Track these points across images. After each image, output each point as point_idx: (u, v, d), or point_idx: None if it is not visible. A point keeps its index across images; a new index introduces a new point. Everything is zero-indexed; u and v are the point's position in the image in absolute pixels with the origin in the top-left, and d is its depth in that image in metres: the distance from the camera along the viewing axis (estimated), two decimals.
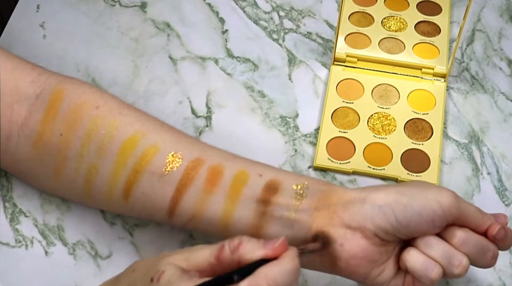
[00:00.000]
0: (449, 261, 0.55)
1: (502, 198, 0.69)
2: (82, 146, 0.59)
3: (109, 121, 0.59)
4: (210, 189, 0.57)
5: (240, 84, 0.75)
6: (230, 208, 0.57)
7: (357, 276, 0.56)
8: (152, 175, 0.58)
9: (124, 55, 0.77)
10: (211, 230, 0.58)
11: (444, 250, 0.55)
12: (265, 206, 0.56)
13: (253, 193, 0.57)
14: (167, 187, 0.58)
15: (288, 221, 0.56)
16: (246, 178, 0.58)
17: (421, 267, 0.55)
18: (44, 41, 0.77)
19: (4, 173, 0.67)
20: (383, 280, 0.56)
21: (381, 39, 0.77)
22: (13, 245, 0.64)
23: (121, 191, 0.59)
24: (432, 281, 0.55)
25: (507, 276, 0.64)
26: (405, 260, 0.55)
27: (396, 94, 0.74)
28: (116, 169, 0.58)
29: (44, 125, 0.60)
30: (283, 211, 0.56)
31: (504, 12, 0.82)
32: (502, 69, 0.77)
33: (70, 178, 0.60)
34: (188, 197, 0.57)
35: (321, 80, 0.76)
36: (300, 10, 0.81)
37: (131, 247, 0.65)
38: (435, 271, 0.54)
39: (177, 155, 0.58)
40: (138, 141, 0.59)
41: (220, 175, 0.58)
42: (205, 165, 0.58)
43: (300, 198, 0.56)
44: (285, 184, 0.57)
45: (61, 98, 0.60)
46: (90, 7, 0.80)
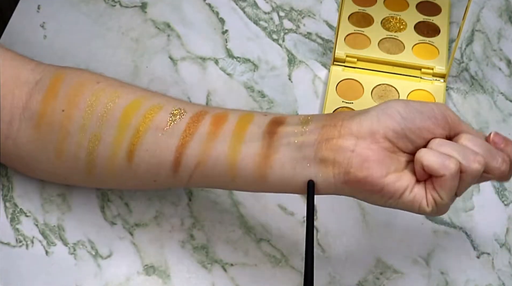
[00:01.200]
0: (464, 156, 0.54)
1: (502, 197, 0.69)
2: (84, 118, 0.59)
3: (111, 92, 0.60)
4: (215, 131, 0.57)
5: (240, 85, 0.75)
6: (236, 144, 0.57)
7: (373, 182, 0.54)
8: (156, 130, 0.58)
9: (125, 56, 0.77)
10: (217, 175, 0.58)
11: (457, 147, 0.55)
12: (271, 137, 0.56)
13: (259, 128, 0.57)
14: (171, 139, 0.58)
15: (295, 144, 0.56)
16: (251, 118, 0.58)
17: (437, 160, 0.54)
18: (44, 42, 0.77)
19: (5, 173, 0.67)
20: (403, 185, 0.55)
21: (381, 40, 0.78)
22: (14, 244, 0.64)
23: (125, 153, 0.59)
24: (450, 171, 0.53)
25: (507, 276, 0.64)
26: (419, 156, 0.54)
27: (396, 94, 0.74)
28: (119, 132, 0.59)
29: (45, 104, 0.60)
30: (289, 137, 0.56)
31: (503, 13, 0.82)
32: (502, 69, 0.77)
33: (72, 154, 0.60)
34: (193, 144, 0.57)
35: (321, 81, 0.76)
36: (300, 11, 0.81)
37: (132, 247, 0.65)
38: (452, 161, 0.53)
39: (181, 110, 0.59)
40: (141, 103, 0.59)
41: (224, 118, 0.58)
42: (208, 114, 0.58)
43: (306, 124, 0.56)
44: (290, 118, 0.58)
45: (61, 79, 0.61)
46: (91, 7, 0.80)
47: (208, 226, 0.66)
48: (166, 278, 0.63)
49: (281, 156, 0.56)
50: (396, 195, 0.55)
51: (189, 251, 0.65)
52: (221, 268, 0.64)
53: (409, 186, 0.55)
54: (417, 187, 0.55)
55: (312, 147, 0.55)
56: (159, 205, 0.67)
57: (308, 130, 0.56)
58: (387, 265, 0.64)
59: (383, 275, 0.64)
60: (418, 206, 0.55)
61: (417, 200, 0.55)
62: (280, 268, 0.64)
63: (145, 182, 0.61)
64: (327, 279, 0.64)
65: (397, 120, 0.55)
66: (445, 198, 0.55)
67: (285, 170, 0.56)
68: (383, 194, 0.55)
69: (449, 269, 0.65)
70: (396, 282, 0.64)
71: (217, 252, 0.65)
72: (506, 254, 0.65)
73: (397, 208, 0.56)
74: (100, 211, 0.66)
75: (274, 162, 0.56)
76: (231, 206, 0.67)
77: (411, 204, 0.55)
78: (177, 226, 0.66)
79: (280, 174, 0.56)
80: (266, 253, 0.65)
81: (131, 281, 0.63)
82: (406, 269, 0.64)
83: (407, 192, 0.55)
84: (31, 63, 0.63)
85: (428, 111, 0.55)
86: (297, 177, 0.56)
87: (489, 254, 0.65)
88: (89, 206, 0.66)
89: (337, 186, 0.55)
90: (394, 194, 0.55)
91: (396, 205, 0.55)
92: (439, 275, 0.64)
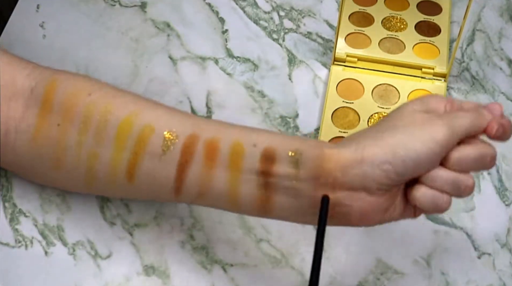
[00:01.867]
0: (455, 188, 0.55)
1: (502, 198, 0.69)
2: (80, 133, 0.59)
3: (102, 106, 0.59)
4: (210, 164, 0.57)
5: (240, 84, 0.75)
6: (234, 182, 0.57)
7: (371, 224, 0.57)
8: (152, 156, 0.58)
9: (124, 55, 0.77)
10: (220, 205, 0.59)
11: (448, 178, 0.55)
12: (266, 177, 0.57)
13: (251, 165, 0.57)
14: (168, 166, 0.58)
15: (292, 191, 0.56)
16: (242, 150, 0.57)
17: (431, 202, 0.55)
18: (44, 41, 0.77)
19: (4, 173, 0.67)
20: (395, 217, 0.57)
21: (381, 39, 0.77)
22: (13, 245, 0.64)
23: (124, 174, 0.59)
24: (442, 211, 0.55)
25: (507, 276, 0.64)
26: (414, 199, 0.55)
27: (396, 94, 0.74)
28: (116, 153, 0.59)
29: (41, 118, 0.60)
30: (284, 181, 0.56)
31: (504, 12, 0.82)
32: (502, 69, 0.77)
33: (71, 168, 0.60)
34: (191, 175, 0.57)
35: (321, 80, 0.76)
36: (300, 10, 0.81)
37: (131, 247, 0.65)
38: (444, 201, 0.55)
39: (172, 134, 0.58)
40: (132, 123, 0.59)
41: (216, 149, 0.58)
42: (200, 139, 0.58)
43: (296, 167, 0.56)
44: (279, 150, 0.57)
45: (54, 89, 0.60)
46: (90, 7, 0.80)
47: (208, 226, 0.66)
48: (166, 278, 0.63)
49: (279, 200, 0.57)
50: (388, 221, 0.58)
51: (189, 251, 0.64)
52: (221, 268, 0.64)
53: (399, 213, 0.57)
54: (407, 210, 0.57)
55: (307, 199, 0.56)
56: (159, 205, 0.67)
57: (301, 177, 0.56)
58: (387, 266, 0.64)
59: (384, 275, 0.64)
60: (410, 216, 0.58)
61: (406, 217, 0.58)
62: (280, 268, 0.64)
63: (148, 198, 0.63)
64: (328, 279, 0.63)
65: (391, 177, 0.54)
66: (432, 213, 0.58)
67: (286, 213, 0.57)
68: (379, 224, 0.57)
69: (450, 270, 0.64)
70: (396, 282, 0.64)
71: (217, 253, 0.64)
72: (507, 255, 0.65)
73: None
74: (99, 211, 0.66)
75: (274, 206, 0.57)
76: None
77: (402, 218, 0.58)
78: (177, 226, 0.66)
79: (281, 215, 0.58)
80: (266, 253, 0.65)
81: (130, 281, 0.63)
82: (406, 270, 0.64)
83: (397, 217, 0.57)
84: (27, 68, 0.62)
85: (426, 156, 0.54)
86: (298, 220, 0.58)
87: (490, 254, 0.65)
88: (89, 206, 0.66)
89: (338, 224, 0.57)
90: (387, 221, 0.57)
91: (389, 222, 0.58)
92: (439, 276, 0.64)
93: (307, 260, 0.64)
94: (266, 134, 0.58)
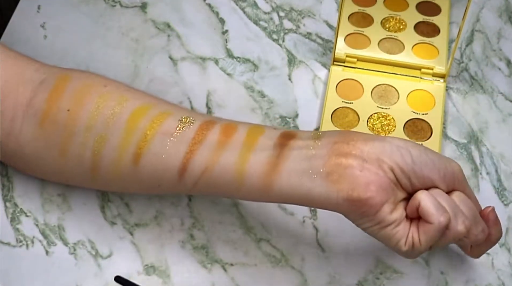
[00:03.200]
0: (455, 215, 0.56)
1: (501, 197, 0.69)
2: (90, 118, 0.59)
3: (118, 96, 0.60)
4: (225, 140, 0.57)
5: (240, 85, 0.76)
6: (246, 153, 0.57)
7: (371, 206, 0.55)
8: (164, 135, 0.58)
9: (125, 56, 0.77)
10: (223, 183, 0.58)
11: (453, 205, 0.56)
12: (282, 148, 0.57)
13: (269, 140, 0.57)
14: (180, 145, 0.58)
15: (305, 155, 0.56)
16: (261, 130, 0.58)
17: (433, 207, 0.55)
18: (45, 42, 0.77)
19: (5, 172, 0.67)
20: (393, 218, 0.56)
21: (381, 40, 0.78)
22: (14, 244, 0.64)
23: (131, 156, 0.59)
24: (440, 223, 0.55)
25: (506, 276, 0.64)
26: (419, 197, 0.56)
27: (396, 94, 0.74)
28: (126, 135, 0.59)
29: (50, 103, 0.60)
30: (300, 149, 0.56)
31: (503, 13, 0.82)
32: (501, 69, 0.78)
33: (76, 154, 0.60)
34: (202, 151, 0.57)
35: (320, 81, 0.76)
36: (300, 11, 0.81)
37: (132, 247, 0.65)
38: (445, 215, 0.55)
39: (189, 118, 0.59)
40: (148, 109, 0.59)
41: (234, 129, 0.58)
42: (217, 123, 0.59)
43: (317, 138, 0.57)
44: (301, 132, 0.58)
45: (68, 80, 0.61)
46: (91, 7, 0.80)
47: (208, 226, 0.66)
48: (166, 278, 0.63)
49: (289, 165, 0.56)
50: (383, 224, 0.56)
51: (189, 251, 0.65)
52: (221, 268, 0.64)
53: (397, 220, 0.56)
54: (402, 224, 0.56)
55: (322, 159, 0.56)
56: (159, 205, 0.67)
57: (319, 144, 0.56)
58: (387, 265, 0.65)
59: (383, 275, 0.64)
60: (396, 243, 0.56)
61: (397, 237, 0.56)
62: (280, 268, 0.64)
63: (149, 186, 0.61)
64: (327, 279, 0.64)
65: (407, 161, 0.55)
66: (423, 244, 0.56)
67: (292, 179, 0.56)
68: (374, 218, 0.56)
69: (449, 269, 0.65)
70: (396, 282, 0.64)
71: (217, 252, 0.65)
72: (505, 254, 0.66)
73: (375, 236, 0.57)
74: (100, 210, 0.66)
75: (281, 170, 0.56)
76: (231, 206, 0.67)
77: (390, 238, 0.56)
78: (177, 226, 0.66)
79: (286, 182, 0.56)
80: (266, 253, 0.65)
81: (131, 280, 0.63)
82: (406, 269, 0.64)
83: (393, 225, 0.56)
84: (35, 64, 0.63)
85: (440, 165, 0.56)
86: (302, 187, 0.56)
87: (488, 254, 0.65)
88: (89, 206, 0.66)
89: (338, 201, 0.55)
90: (383, 222, 0.56)
91: (377, 234, 0.56)
92: (439, 275, 0.64)
93: (307, 260, 0.65)
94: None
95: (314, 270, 0.64)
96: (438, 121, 0.72)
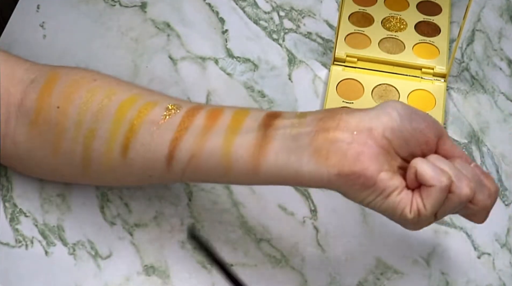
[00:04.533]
0: (458, 178, 0.54)
1: (502, 197, 0.69)
2: (79, 114, 0.59)
3: (107, 89, 0.60)
4: (210, 125, 0.57)
5: (240, 84, 0.75)
6: (231, 136, 0.56)
7: (366, 177, 0.53)
8: (151, 124, 0.58)
9: (124, 55, 0.77)
10: (211, 167, 0.57)
11: (453, 167, 0.54)
12: (267, 128, 0.56)
13: (255, 121, 0.56)
14: (166, 133, 0.58)
15: (291, 135, 0.55)
16: (246, 112, 0.57)
17: (431, 170, 0.53)
18: (44, 41, 0.77)
19: (4, 173, 0.67)
20: (395, 184, 0.54)
21: (381, 39, 0.78)
22: (13, 245, 0.64)
23: (120, 148, 0.59)
24: (441, 183, 0.53)
25: (507, 276, 0.64)
26: (415, 163, 0.54)
27: (396, 94, 0.74)
28: (114, 127, 0.59)
29: (40, 102, 0.60)
30: (286, 128, 0.56)
31: (504, 12, 0.82)
32: (502, 69, 0.77)
33: (68, 150, 0.60)
34: (188, 137, 0.57)
35: (321, 80, 0.76)
36: (300, 10, 0.81)
37: (131, 247, 0.65)
38: (445, 176, 0.53)
39: (176, 105, 0.59)
40: (136, 100, 0.59)
41: (220, 113, 0.58)
42: (204, 109, 0.58)
43: (303, 117, 0.56)
44: (286, 112, 0.57)
45: (57, 78, 0.61)
46: (90, 7, 0.80)
47: (208, 226, 0.66)
48: (166, 278, 0.63)
49: (275, 145, 0.55)
50: (385, 192, 0.54)
51: (189, 251, 0.65)
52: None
53: (399, 187, 0.54)
54: (405, 192, 0.54)
55: (308, 136, 0.55)
56: (159, 205, 0.67)
57: (305, 122, 0.55)
58: (387, 265, 0.64)
59: (384, 275, 0.64)
60: (401, 211, 0.54)
61: (402, 205, 0.54)
62: (280, 268, 0.64)
63: (140, 177, 0.61)
64: (327, 279, 0.63)
65: (394, 118, 0.54)
66: (429, 209, 0.54)
67: (279, 159, 0.55)
68: (374, 189, 0.54)
69: (449, 270, 0.64)
70: (396, 282, 0.64)
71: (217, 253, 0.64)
72: (507, 255, 0.65)
73: (379, 210, 0.55)
74: (99, 211, 0.66)
75: (268, 151, 0.55)
76: (231, 206, 0.67)
77: (395, 207, 0.54)
78: (177, 226, 0.66)
79: (273, 163, 0.55)
80: (266, 253, 0.65)
81: (130, 281, 0.63)
82: (406, 269, 0.64)
83: (395, 192, 0.54)
84: (25, 63, 0.63)
85: (423, 114, 0.56)
86: (290, 166, 0.55)
87: (489, 254, 0.65)
88: (89, 206, 0.66)
89: (330, 177, 0.54)
90: (384, 191, 0.54)
91: (381, 206, 0.54)
92: (439, 276, 0.64)
93: (307, 260, 0.64)
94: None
95: (315, 271, 0.64)
96: (439, 121, 0.72)
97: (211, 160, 0.56)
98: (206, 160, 0.57)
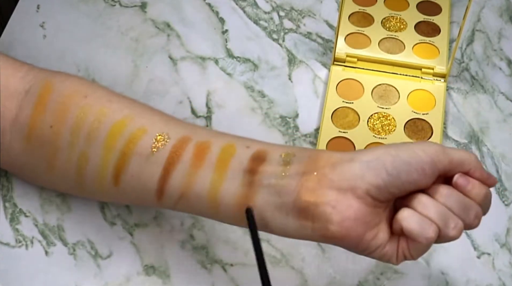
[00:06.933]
0: (445, 222, 0.53)
1: (502, 197, 0.69)
2: (71, 134, 0.59)
3: (97, 109, 0.59)
4: (198, 163, 0.56)
5: (240, 84, 0.75)
6: (218, 180, 0.56)
7: (350, 240, 0.54)
8: (140, 156, 0.58)
9: (124, 55, 0.77)
10: (200, 208, 0.57)
11: (440, 211, 0.53)
12: (253, 176, 0.55)
13: (240, 164, 0.56)
14: (154, 167, 0.57)
15: (275, 189, 0.55)
16: (233, 151, 0.57)
17: (417, 226, 0.53)
18: (44, 41, 0.77)
19: (4, 173, 0.67)
20: (377, 244, 0.54)
21: (381, 39, 0.78)
22: (13, 245, 0.64)
23: (111, 176, 0.59)
24: (428, 240, 0.53)
25: (507, 276, 0.64)
26: (400, 219, 0.53)
27: (396, 94, 0.74)
28: (105, 154, 0.58)
29: (34, 119, 0.60)
30: (270, 178, 0.55)
31: (504, 13, 0.82)
32: (502, 69, 0.77)
33: (63, 169, 0.60)
34: (176, 174, 0.57)
35: (321, 80, 0.76)
36: (300, 10, 0.81)
37: (131, 247, 0.65)
38: (432, 230, 0.53)
39: (164, 135, 0.58)
40: (126, 125, 0.59)
41: (207, 149, 0.57)
42: (192, 141, 0.58)
43: (286, 164, 0.55)
44: (272, 153, 0.56)
45: (50, 91, 0.60)
46: (90, 7, 0.80)
47: (208, 226, 0.66)
48: (166, 278, 0.63)
49: (260, 198, 0.55)
50: (370, 249, 0.55)
51: (189, 251, 0.65)
52: (221, 268, 0.64)
53: (381, 244, 0.55)
54: (389, 244, 0.55)
55: (291, 195, 0.54)
56: None
57: (288, 174, 0.55)
58: (387, 265, 0.64)
59: (384, 275, 0.64)
60: (387, 260, 0.55)
61: (387, 257, 0.55)
62: (280, 268, 0.64)
63: (134, 202, 0.62)
64: (328, 279, 0.63)
65: (382, 176, 0.53)
66: (415, 257, 0.55)
67: (265, 214, 0.55)
68: (358, 248, 0.55)
69: (449, 269, 0.65)
70: (396, 282, 0.64)
71: (217, 252, 0.64)
72: (506, 254, 0.65)
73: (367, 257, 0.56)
74: (100, 211, 0.66)
75: (254, 203, 0.55)
76: None
77: (381, 258, 0.55)
78: (177, 226, 0.66)
79: (260, 217, 0.55)
80: (266, 254, 0.65)
81: (131, 281, 0.63)
82: (406, 269, 0.64)
83: (379, 249, 0.55)
84: (21, 70, 0.62)
85: (416, 162, 0.53)
86: (276, 222, 0.55)
87: (489, 254, 0.65)
88: (89, 206, 0.66)
89: (314, 237, 0.55)
90: (367, 249, 0.55)
91: (367, 256, 0.55)
92: (439, 275, 0.64)
93: (307, 260, 0.64)
94: (261, 141, 0.58)
95: (315, 271, 0.64)
96: (438, 121, 0.72)
97: (200, 202, 0.57)
98: (195, 202, 0.57)
